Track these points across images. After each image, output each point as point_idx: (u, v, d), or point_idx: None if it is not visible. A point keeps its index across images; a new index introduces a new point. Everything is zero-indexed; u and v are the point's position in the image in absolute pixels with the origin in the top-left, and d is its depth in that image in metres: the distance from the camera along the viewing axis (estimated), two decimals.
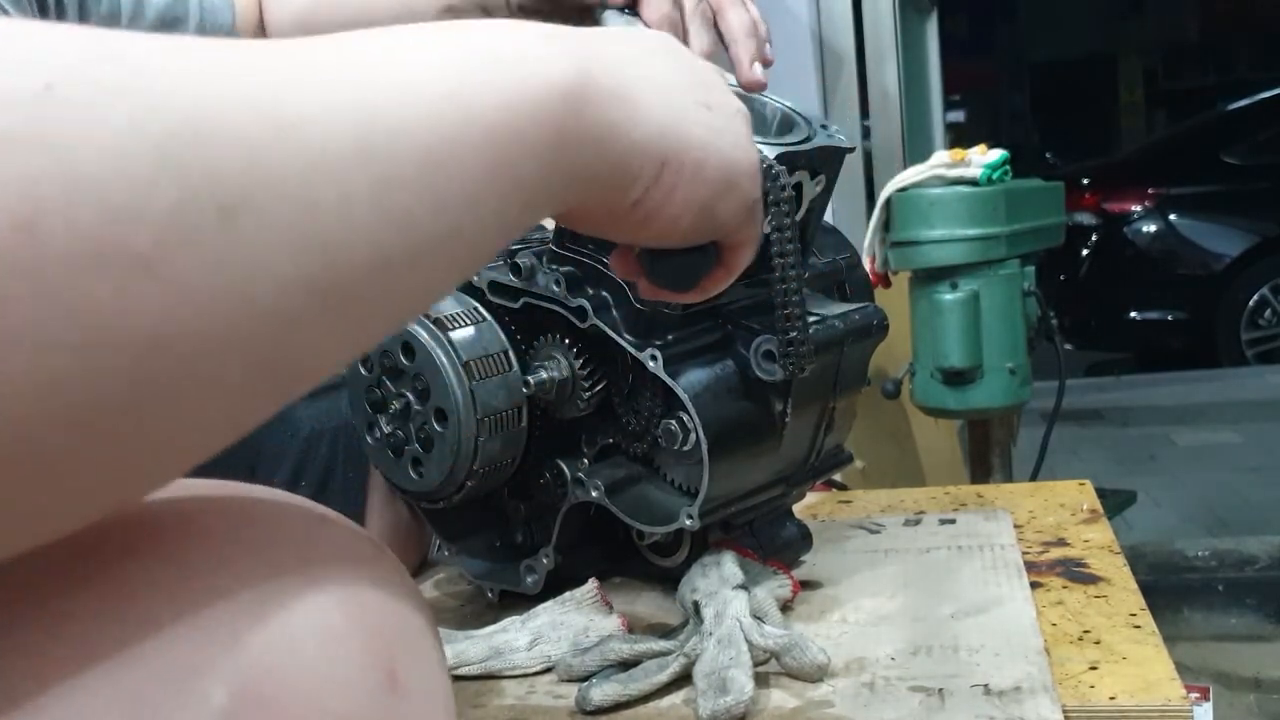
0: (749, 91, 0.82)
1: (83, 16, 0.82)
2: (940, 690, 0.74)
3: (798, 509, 1.03)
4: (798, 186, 0.85)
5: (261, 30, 0.95)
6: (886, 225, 1.80)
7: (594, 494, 0.89)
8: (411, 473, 0.90)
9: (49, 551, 0.37)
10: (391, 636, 0.39)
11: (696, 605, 0.82)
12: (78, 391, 0.29)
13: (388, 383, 0.90)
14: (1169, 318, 5.94)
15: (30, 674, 0.34)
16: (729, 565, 0.85)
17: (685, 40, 0.81)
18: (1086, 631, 0.83)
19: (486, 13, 0.85)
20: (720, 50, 0.90)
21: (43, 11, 0.79)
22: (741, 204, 0.56)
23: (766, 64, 0.83)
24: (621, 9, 0.84)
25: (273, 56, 0.35)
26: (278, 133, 0.33)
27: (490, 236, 0.41)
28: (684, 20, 0.82)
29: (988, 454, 1.93)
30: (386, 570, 0.41)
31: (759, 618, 0.80)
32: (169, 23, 0.89)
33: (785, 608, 0.87)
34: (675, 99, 0.50)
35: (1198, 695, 1.52)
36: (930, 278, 1.77)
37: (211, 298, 0.31)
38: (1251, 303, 5.67)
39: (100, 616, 0.35)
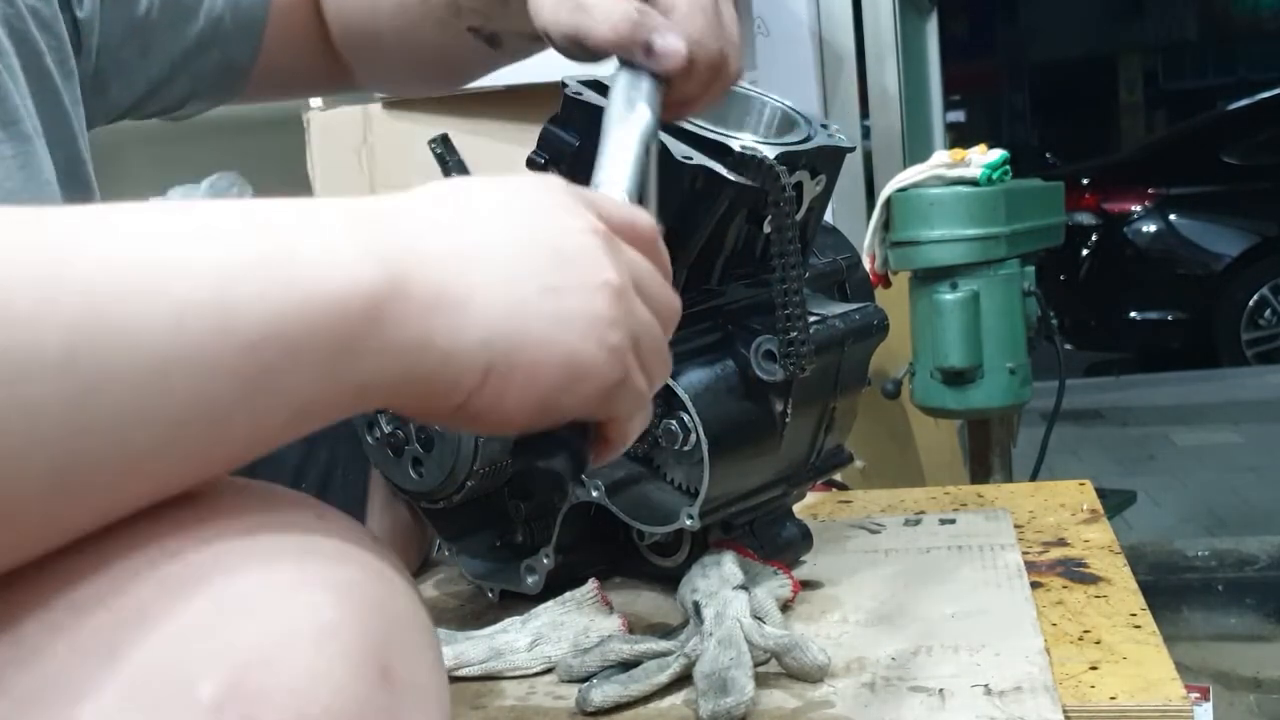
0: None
1: None
2: (940, 690, 0.74)
3: (798, 509, 1.03)
4: (798, 186, 0.86)
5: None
6: (886, 225, 1.80)
7: (594, 494, 0.89)
8: (411, 473, 0.90)
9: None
10: (386, 631, 0.39)
11: (697, 605, 0.82)
12: None
13: None
14: (1169, 318, 5.94)
15: (24, 666, 0.34)
16: (729, 565, 0.85)
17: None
18: (1086, 631, 0.83)
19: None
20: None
21: None
22: (594, 392, 0.47)
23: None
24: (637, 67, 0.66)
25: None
26: None
27: (237, 446, 0.38)
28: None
29: (988, 454, 1.93)
30: (383, 566, 0.41)
31: (759, 618, 0.80)
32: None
33: (785, 608, 0.87)
34: (515, 291, 0.44)
35: (1198, 695, 1.52)
36: (930, 278, 1.77)
37: None
38: (1251, 303, 5.67)
39: (92, 609, 0.35)
